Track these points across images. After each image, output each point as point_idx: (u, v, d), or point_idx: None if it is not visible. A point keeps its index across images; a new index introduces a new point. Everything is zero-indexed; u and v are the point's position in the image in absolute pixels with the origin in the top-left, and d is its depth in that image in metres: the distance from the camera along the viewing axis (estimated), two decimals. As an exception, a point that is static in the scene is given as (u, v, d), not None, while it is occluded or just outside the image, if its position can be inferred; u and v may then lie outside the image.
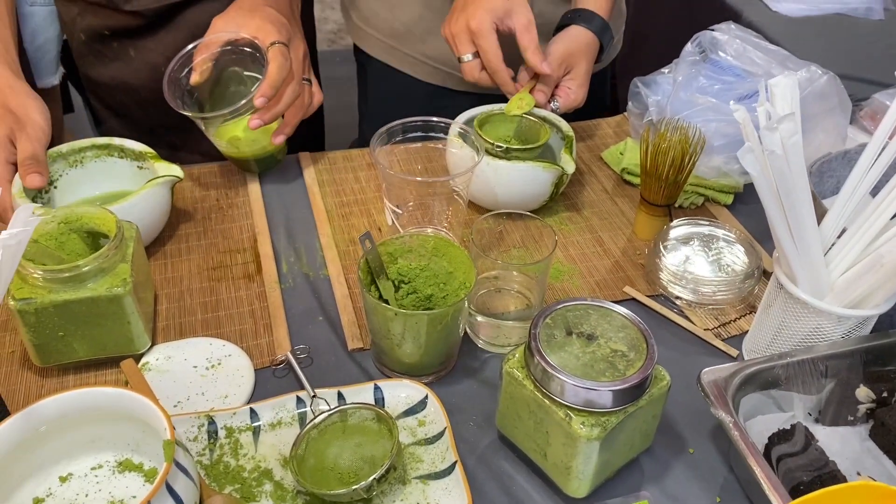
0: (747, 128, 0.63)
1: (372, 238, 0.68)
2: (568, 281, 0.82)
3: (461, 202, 0.82)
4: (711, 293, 0.79)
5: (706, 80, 0.95)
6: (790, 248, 0.65)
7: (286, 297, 0.79)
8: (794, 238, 0.64)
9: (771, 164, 0.61)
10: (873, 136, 0.68)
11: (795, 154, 0.62)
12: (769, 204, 0.63)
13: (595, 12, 0.94)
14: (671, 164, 0.80)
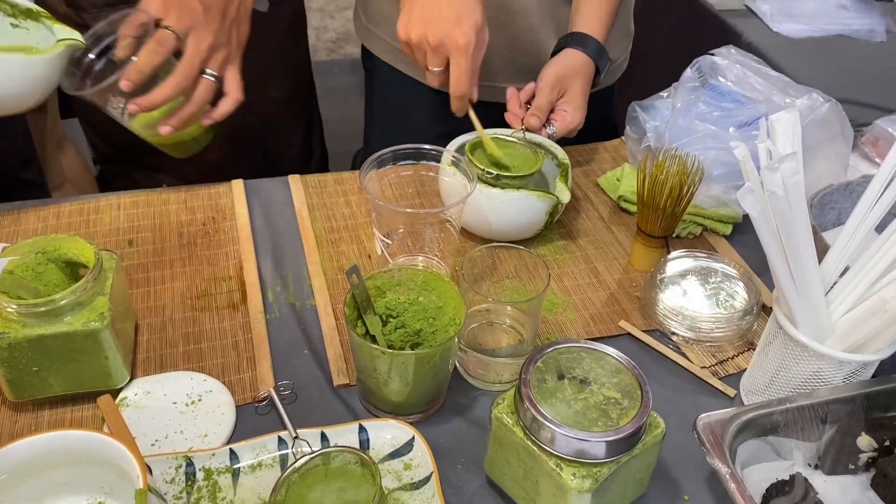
0: (747, 166, 0.61)
1: (359, 272, 0.66)
2: (562, 314, 0.80)
3: (453, 231, 0.80)
4: (709, 330, 0.77)
5: (705, 107, 0.94)
6: (790, 289, 0.63)
7: (271, 328, 0.77)
8: (794, 280, 0.62)
9: (771, 205, 0.59)
10: (879, 169, 0.66)
11: (797, 194, 0.60)
12: (769, 245, 0.61)
13: (589, 35, 0.93)
14: (668, 195, 0.78)
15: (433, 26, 0.80)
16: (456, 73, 0.81)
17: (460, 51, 0.80)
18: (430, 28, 0.80)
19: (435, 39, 0.80)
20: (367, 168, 0.77)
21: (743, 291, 0.80)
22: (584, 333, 0.78)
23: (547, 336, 0.78)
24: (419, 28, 0.80)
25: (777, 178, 0.58)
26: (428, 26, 0.80)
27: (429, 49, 0.80)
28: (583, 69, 0.91)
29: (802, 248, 0.61)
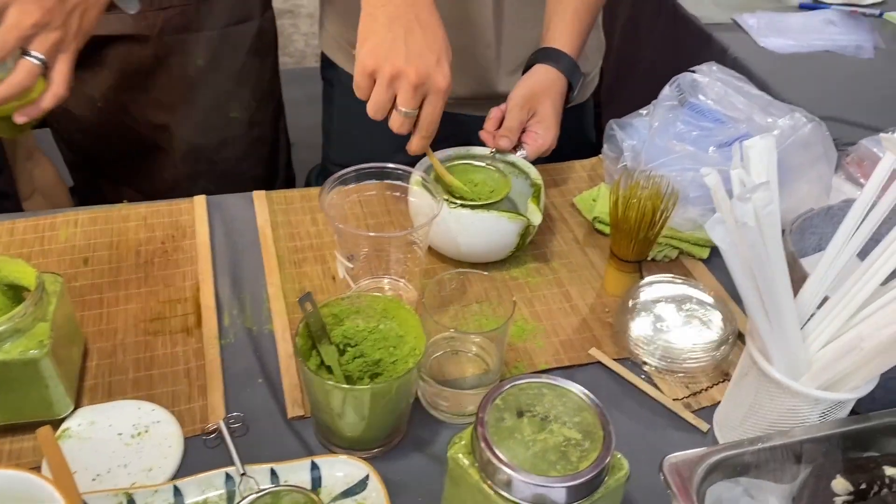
0: (718, 195, 0.58)
1: (313, 300, 0.63)
2: (531, 340, 0.78)
3: (420, 252, 0.77)
4: (682, 360, 0.74)
5: (684, 126, 0.91)
6: (763, 324, 0.60)
7: (225, 354, 0.73)
8: (767, 315, 0.60)
9: (743, 237, 0.56)
10: (861, 193, 0.63)
11: (770, 226, 0.57)
12: (740, 279, 0.58)
13: (561, 50, 0.90)
14: (641, 219, 0.76)
15: (416, 62, 0.72)
16: (431, 115, 0.76)
17: (440, 93, 0.75)
18: (412, 64, 0.72)
19: (418, 78, 0.72)
20: (328, 188, 0.74)
21: (718, 319, 0.77)
22: (554, 362, 0.75)
23: (515, 364, 0.75)
24: (396, 61, 0.72)
25: (749, 208, 0.55)
26: (409, 61, 0.72)
27: (406, 87, 0.73)
28: (553, 86, 0.89)
29: (776, 282, 0.59)
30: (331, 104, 1.11)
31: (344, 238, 0.74)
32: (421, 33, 0.74)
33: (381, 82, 0.73)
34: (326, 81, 1.12)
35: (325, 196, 0.74)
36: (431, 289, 0.71)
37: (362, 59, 0.73)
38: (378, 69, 0.73)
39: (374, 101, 0.74)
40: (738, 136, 0.91)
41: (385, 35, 0.73)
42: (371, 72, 0.73)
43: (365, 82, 0.74)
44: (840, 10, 1.56)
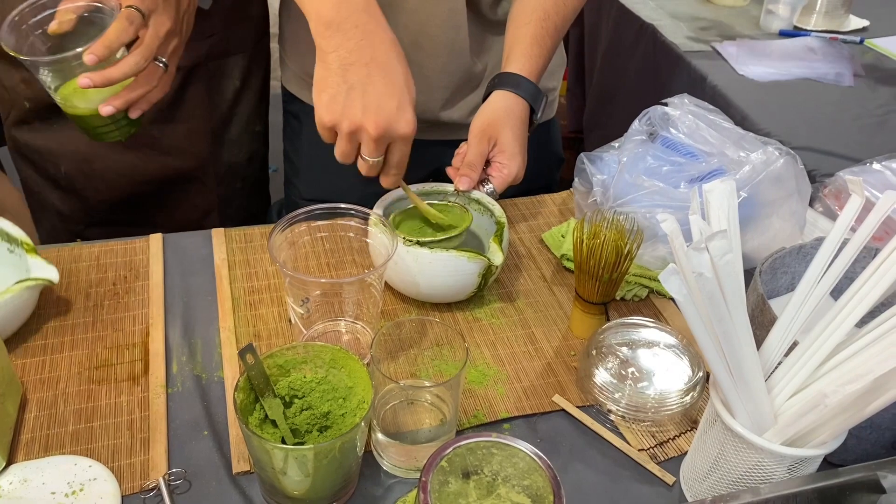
0: (675, 243, 0.55)
1: (255, 351, 0.61)
2: (492, 387, 0.75)
3: (376, 294, 0.75)
4: (648, 408, 0.71)
5: (654, 161, 0.89)
6: (725, 378, 0.57)
7: (172, 404, 0.70)
8: (729, 368, 0.57)
9: (700, 288, 0.53)
10: (831, 231, 0.61)
11: (729, 275, 0.54)
12: (699, 331, 0.55)
13: (520, 74, 0.88)
14: (605, 261, 0.73)
15: (372, 117, 0.71)
16: (398, 159, 0.75)
17: (405, 140, 0.74)
18: (370, 118, 0.71)
19: (377, 131, 0.71)
20: (279, 229, 0.72)
21: (688, 366, 0.74)
22: (515, 410, 0.72)
23: (474, 413, 0.72)
24: (353, 116, 0.71)
25: (705, 258, 0.53)
26: (366, 115, 0.71)
27: (367, 140, 0.72)
28: (513, 112, 0.87)
29: (737, 335, 0.56)
30: (297, 137, 1.09)
31: (294, 283, 0.72)
32: (380, 77, 0.71)
33: (342, 136, 0.73)
34: (290, 115, 1.10)
35: (274, 237, 0.71)
36: (386, 334, 0.68)
37: (320, 114, 0.72)
38: (336, 124, 0.72)
39: (338, 151, 0.75)
40: (710, 171, 0.89)
41: (339, 86, 0.71)
42: (330, 127, 0.73)
43: (326, 134, 0.74)
44: (820, 37, 1.55)
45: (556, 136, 1.17)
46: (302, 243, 0.77)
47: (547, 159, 1.15)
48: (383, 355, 0.69)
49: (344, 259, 0.87)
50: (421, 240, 0.78)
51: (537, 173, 0.99)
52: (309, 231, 0.76)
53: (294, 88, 1.07)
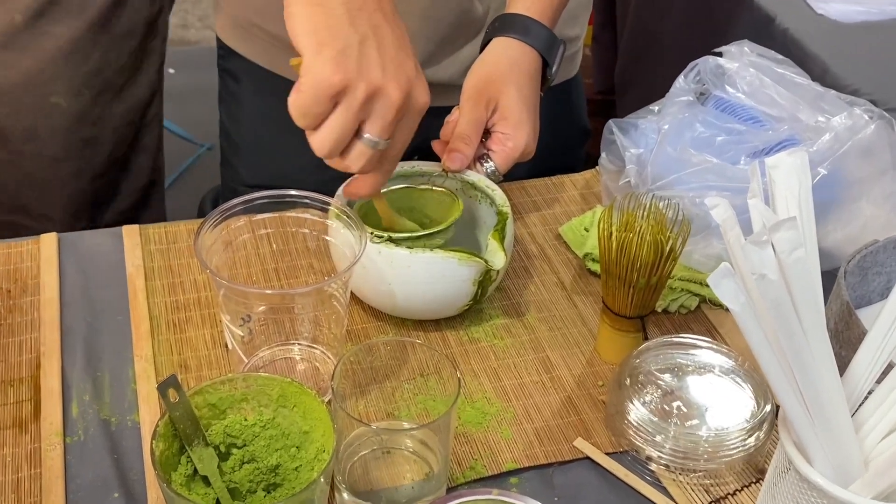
0: (729, 236, 0.56)
1: (178, 385, 0.61)
2: (495, 429, 0.75)
3: (340, 308, 0.75)
4: (701, 454, 0.71)
5: (704, 129, 0.91)
6: (798, 413, 0.57)
7: (71, 458, 0.71)
8: (804, 400, 0.57)
9: (763, 295, 0.54)
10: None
11: (802, 277, 0.55)
12: (762, 353, 0.55)
13: (528, 16, 0.88)
14: (641, 262, 0.74)
15: (395, 75, 0.69)
16: (403, 144, 0.73)
17: (419, 114, 0.73)
18: (392, 77, 0.69)
19: (401, 96, 0.69)
20: (207, 227, 0.72)
21: (749, 396, 0.75)
22: (525, 459, 0.73)
23: (471, 464, 0.73)
24: (373, 75, 0.68)
25: (768, 256, 0.53)
26: (387, 75, 0.69)
27: (386, 109, 0.70)
28: (519, 65, 0.87)
29: (814, 356, 0.56)
30: (237, 104, 1.10)
31: (232, 296, 0.72)
32: (390, 29, 0.71)
33: (351, 105, 0.69)
34: (227, 74, 1.10)
35: (204, 236, 0.72)
36: (353, 361, 0.69)
37: (325, 74, 0.67)
38: (350, 87, 0.68)
39: (334, 129, 0.69)
40: (779, 141, 0.90)
41: (350, 37, 0.69)
42: (337, 91, 0.68)
43: (322, 107, 0.69)
44: (924, -37, 1.55)
45: (578, 100, 1.18)
46: (241, 243, 0.78)
47: (566, 129, 1.15)
48: (350, 389, 0.70)
49: (297, 263, 0.88)
50: (396, 236, 0.79)
51: (553, 147, 1.00)
52: (250, 227, 0.76)
53: (232, 39, 1.08)
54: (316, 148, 0.70)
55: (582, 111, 1.19)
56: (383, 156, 0.73)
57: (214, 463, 0.63)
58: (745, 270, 0.54)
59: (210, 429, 0.64)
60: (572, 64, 1.11)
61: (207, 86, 1.54)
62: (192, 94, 2.22)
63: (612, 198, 0.93)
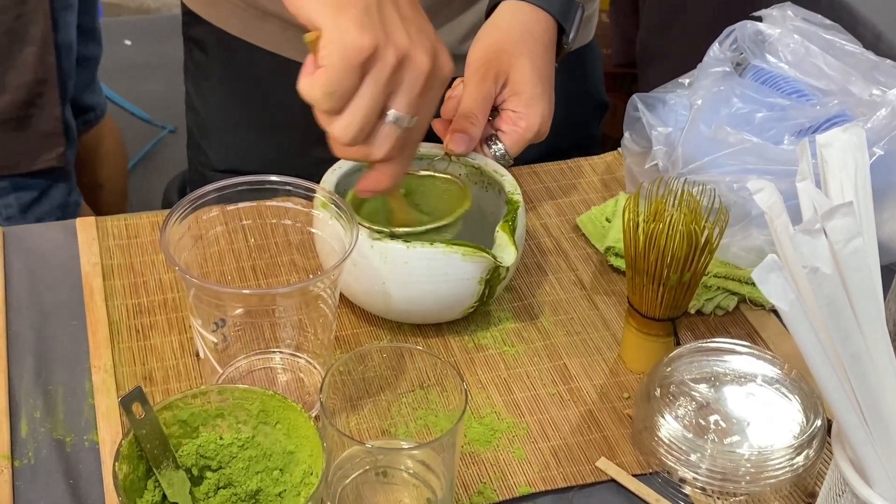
0: (776, 224, 0.56)
1: (144, 397, 0.61)
2: (506, 448, 0.76)
3: (328, 311, 0.76)
4: (742, 475, 0.72)
5: (743, 104, 0.92)
6: (855, 427, 0.58)
7: (20, 483, 0.71)
8: (862, 414, 0.57)
9: (815, 292, 0.54)
10: None
11: (859, 271, 0.55)
12: (815, 359, 0.56)
13: None
14: (672, 257, 0.74)
15: (421, 40, 0.70)
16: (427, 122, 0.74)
17: (444, 85, 0.73)
18: (419, 42, 0.69)
19: (430, 62, 0.70)
20: (175, 218, 0.73)
21: (797, 408, 0.75)
22: (540, 481, 0.74)
23: (478, 489, 0.73)
24: (400, 39, 0.68)
25: (821, 246, 0.53)
26: (412, 38, 0.69)
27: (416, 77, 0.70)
28: (531, 33, 0.88)
29: (874, 362, 0.56)
30: (205, 78, 1.11)
31: (204, 297, 0.73)
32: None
33: (382, 74, 0.68)
34: (193, 44, 1.11)
35: (171, 229, 0.72)
36: (343, 372, 0.69)
37: (350, 37, 0.67)
38: (378, 52, 0.68)
39: (362, 108, 0.69)
40: (829, 117, 0.91)
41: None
42: (367, 58, 0.67)
43: (352, 79, 0.68)
44: None
45: (595, 71, 1.19)
46: (213, 237, 0.79)
47: (582, 105, 1.16)
48: (340, 404, 0.70)
49: (278, 260, 0.89)
50: (394, 230, 0.79)
51: (569, 126, 1.01)
52: (224, 218, 0.77)
53: (198, 4, 1.08)
54: (339, 134, 0.69)
55: (598, 81, 1.20)
56: (407, 138, 0.73)
57: (186, 488, 0.63)
58: (795, 263, 0.55)
59: (181, 449, 0.64)
60: (588, 28, 1.12)
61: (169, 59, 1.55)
62: (151, 70, 2.24)
63: (638, 183, 0.93)
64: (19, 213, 1.42)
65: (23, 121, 1.34)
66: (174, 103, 1.41)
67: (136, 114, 2.12)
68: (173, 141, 2.08)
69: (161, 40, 2.25)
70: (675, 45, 1.75)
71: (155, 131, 2.11)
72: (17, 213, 1.42)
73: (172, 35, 1.16)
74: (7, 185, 1.40)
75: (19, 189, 1.41)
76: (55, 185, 1.47)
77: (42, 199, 1.45)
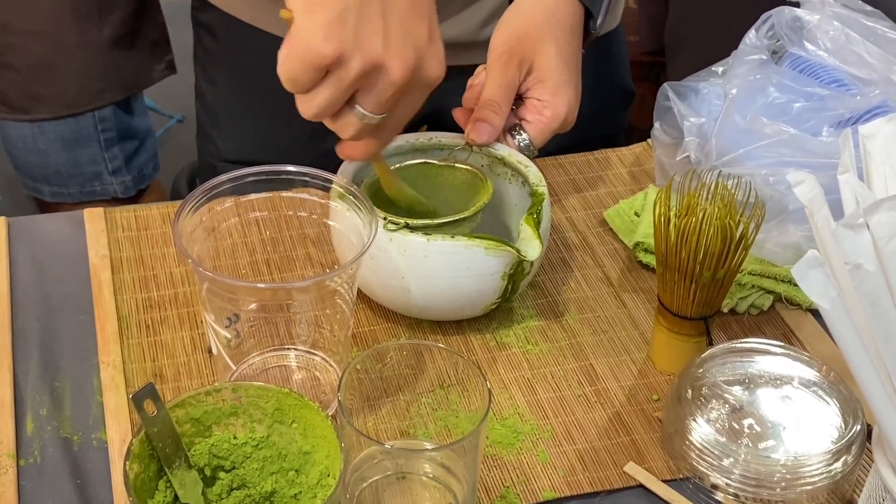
0: (816, 218, 0.56)
1: (156, 394, 0.62)
2: (529, 451, 0.76)
3: (345, 307, 0.77)
4: (777, 481, 0.72)
5: (780, 94, 0.91)
6: None
7: (26, 483, 0.72)
8: (904, 415, 0.57)
9: (857, 289, 0.54)
10: None
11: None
12: (856, 360, 0.56)
13: None
14: (705, 252, 0.74)
15: (399, 50, 0.70)
16: (404, 117, 0.75)
17: (428, 88, 0.74)
18: (395, 52, 0.70)
19: (404, 73, 0.71)
20: (189, 207, 0.73)
21: (836, 412, 0.75)
22: (566, 486, 0.74)
23: (501, 493, 0.73)
24: (371, 48, 0.69)
25: (864, 241, 0.53)
26: (389, 48, 0.70)
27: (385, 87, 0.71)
28: (557, 17, 0.88)
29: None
30: (215, 65, 1.11)
31: (217, 291, 0.73)
32: None
33: (342, 79, 0.70)
34: (203, 30, 1.11)
35: (184, 220, 0.72)
36: (360, 370, 0.69)
37: (313, 40, 0.68)
38: (342, 59, 0.69)
39: (321, 101, 0.71)
40: (870, 108, 0.91)
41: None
42: (327, 64, 0.69)
43: (309, 77, 0.70)
44: None
45: (621, 58, 1.19)
46: (227, 230, 0.79)
47: (608, 94, 1.16)
48: (357, 403, 0.70)
49: (293, 253, 0.89)
50: (412, 221, 0.79)
51: (593, 116, 1.00)
52: (238, 210, 0.77)
53: None
54: (301, 109, 0.72)
55: (625, 69, 1.20)
56: (379, 126, 0.74)
57: (199, 489, 0.63)
58: (837, 260, 0.55)
59: (193, 448, 0.65)
60: (614, 13, 1.11)
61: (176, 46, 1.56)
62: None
63: (668, 175, 0.93)
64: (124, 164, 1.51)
65: (135, 34, 1.38)
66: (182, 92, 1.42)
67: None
68: (181, 131, 2.09)
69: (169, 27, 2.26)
70: (706, 32, 1.75)
71: (162, 121, 2.12)
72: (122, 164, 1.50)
73: (180, 20, 1.16)
74: (113, 136, 1.47)
75: (123, 139, 1.49)
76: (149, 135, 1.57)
77: (140, 150, 1.53)
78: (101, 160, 1.47)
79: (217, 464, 0.65)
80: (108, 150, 1.47)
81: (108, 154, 1.47)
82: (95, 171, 1.48)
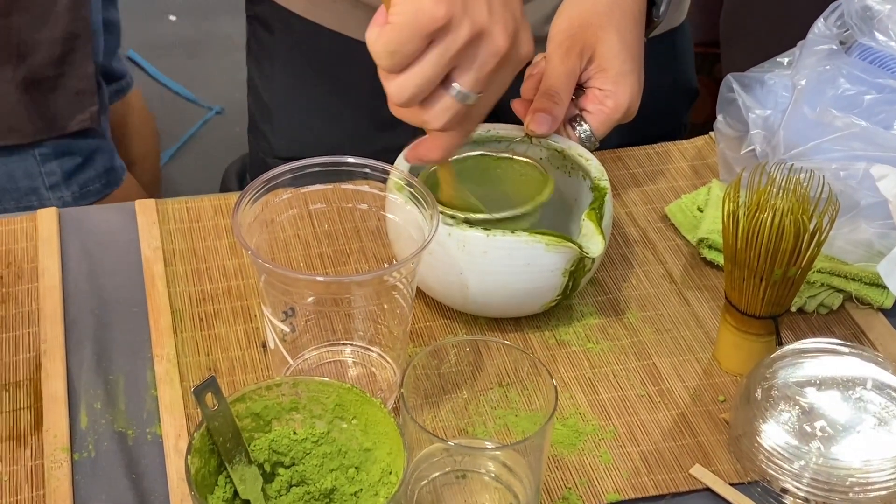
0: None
1: (218, 387, 0.62)
2: (592, 452, 0.76)
3: (403, 303, 0.77)
4: (850, 486, 0.72)
5: (850, 85, 0.90)
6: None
7: (80, 478, 0.73)
8: None
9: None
10: None
11: None
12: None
13: None
14: (778, 250, 0.74)
15: (503, 16, 0.71)
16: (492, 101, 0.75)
17: (518, 65, 0.74)
18: (499, 19, 0.71)
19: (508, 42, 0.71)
20: (248, 199, 0.73)
21: None
22: (629, 488, 0.74)
23: (563, 494, 0.73)
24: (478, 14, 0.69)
25: (953, 238, 0.53)
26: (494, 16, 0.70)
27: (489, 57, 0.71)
28: (619, 5, 0.88)
29: None
30: (269, 60, 1.11)
31: (275, 284, 0.74)
32: None
33: (450, 47, 0.69)
34: (257, 23, 1.12)
35: (242, 212, 0.73)
36: (420, 367, 0.70)
37: (423, 4, 0.68)
38: (451, 25, 0.69)
39: (421, 75, 0.70)
40: None
41: None
42: (437, 29, 0.68)
43: (416, 44, 0.69)
44: None
45: (686, 56, 1.18)
46: (283, 223, 0.80)
47: (672, 93, 1.16)
48: (417, 400, 0.71)
49: (350, 247, 0.89)
50: (472, 216, 0.79)
51: (655, 115, 1.00)
52: (294, 203, 0.78)
53: None
54: (393, 93, 0.71)
55: (689, 67, 1.19)
56: (468, 113, 0.73)
57: (259, 484, 0.64)
58: (923, 256, 0.54)
59: (253, 443, 0.65)
60: (679, 9, 1.11)
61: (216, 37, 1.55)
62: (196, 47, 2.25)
63: (732, 169, 0.93)
64: (63, 180, 1.46)
65: (56, 79, 1.38)
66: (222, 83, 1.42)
67: (181, 93, 2.13)
68: (220, 122, 2.10)
69: (208, 16, 2.25)
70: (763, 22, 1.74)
71: (200, 112, 2.14)
72: (60, 180, 1.46)
73: (221, 11, 1.17)
74: (49, 152, 1.44)
75: (62, 155, 1.45)
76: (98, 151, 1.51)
77: (86, 166, 1.49)
78: (37, 175, 1.47)
79: (276, 459, 0.65)
80: (45, 165, 1.46)
81: (45, 169, 1.46)
82: (31, 186, 1.47)
